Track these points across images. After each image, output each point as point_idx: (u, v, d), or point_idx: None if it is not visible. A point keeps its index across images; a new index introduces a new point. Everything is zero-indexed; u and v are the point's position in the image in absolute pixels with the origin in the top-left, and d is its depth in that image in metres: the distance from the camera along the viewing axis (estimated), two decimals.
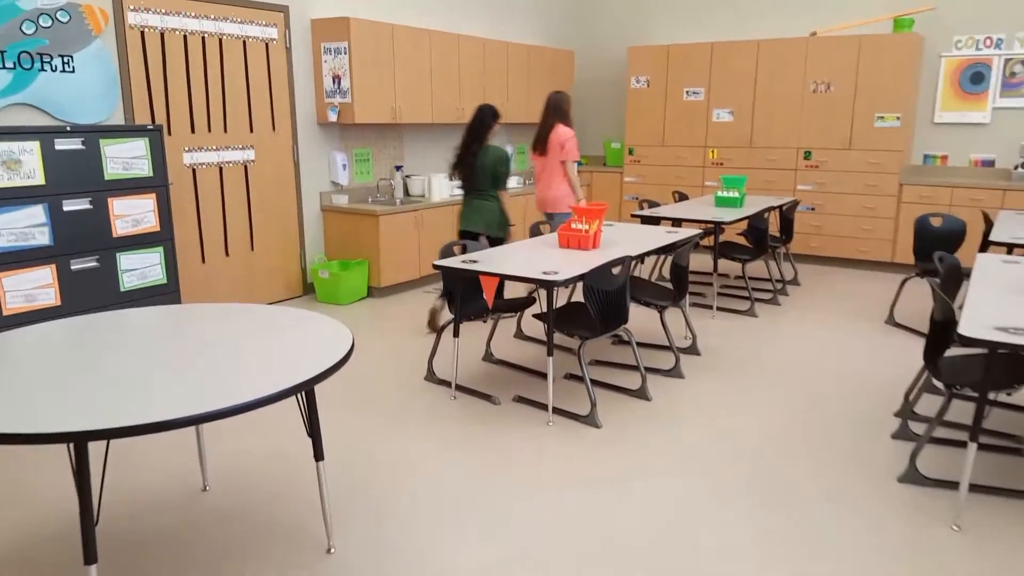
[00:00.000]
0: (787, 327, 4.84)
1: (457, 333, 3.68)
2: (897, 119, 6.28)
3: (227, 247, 5.08)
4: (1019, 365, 2.88)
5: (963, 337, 2.36)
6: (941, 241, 4.74)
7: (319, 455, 2.29)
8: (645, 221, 5.18)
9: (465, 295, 3.61)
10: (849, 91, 6.43)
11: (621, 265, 3.32)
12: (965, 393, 2.85)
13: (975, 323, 2.45)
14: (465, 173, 4.50)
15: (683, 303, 4.07)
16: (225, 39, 4.87)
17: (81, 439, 1.59)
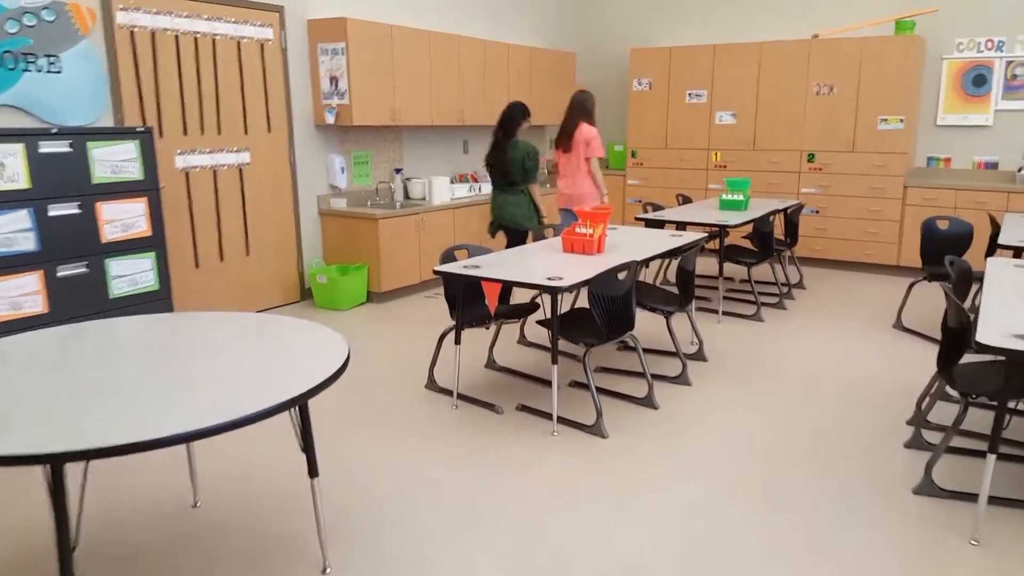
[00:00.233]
0: (794, 332, 4.75)
1: (459, 340, 3.58)
2: (900, 121, 6.20)
3: (222, 252, 4.97)
4: None
5: (981, 345, 2.28)
6: (948, 244, 4.66)
7: (313, 472, 2.19)
8: (649, 224, 5.09)
9: (467, 301, 3.51)
10: (852, 93, 6.36)
11: (627, 270, 3.23)
12: (981, 402, 2.76)
13: (992, 330, 2.36)
14: (496, 167, 4.73)
15: (689, 308, 3.97)
16: (219, 39, 4.77)
17: (56, 462, 1.48)
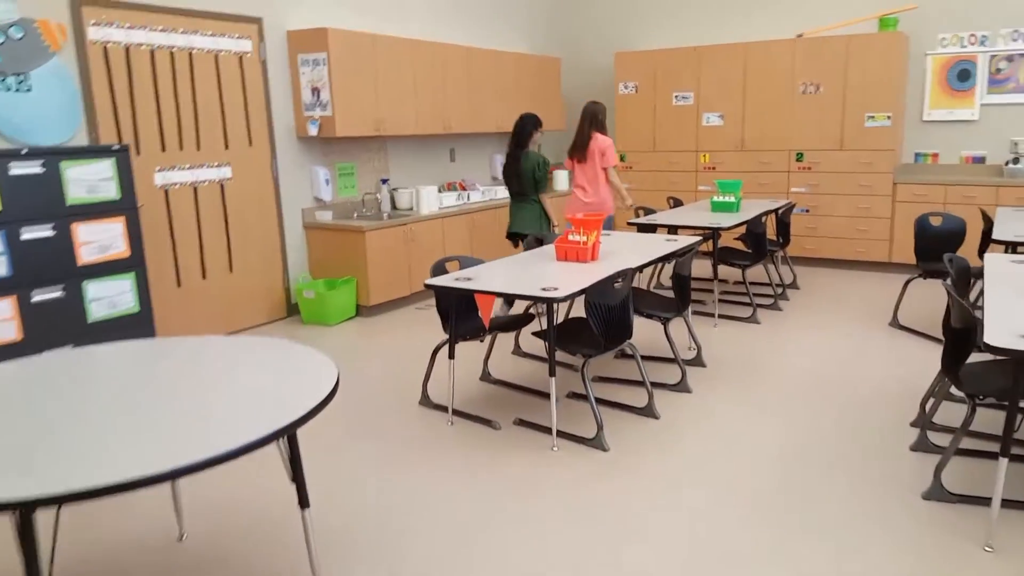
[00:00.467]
0: (791, 334, 4.69)
1: (452, 355, 3.48)
2: (888, 118, 6.18)
3: (204, 270, 4.84)
4: None
5: (990, 347, 2.21)
6: (942, 240, 4.62)
7: (304, 502, 2.07)
8: (641, 229, 5.02)
9: (460, 314, 3.41)
10: (838, 91, 6.34)
11: (623, 278, 3.14)
12: (988, 402, 2.70)
13: (1000, 331, 2.30)
14: (511, 178, 4.87)
15: (686, 313, 3.90)
16: (196, 53, 4.65)
17: (25, 508, 1.37)
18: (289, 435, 1.99)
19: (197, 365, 2.14)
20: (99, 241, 3.78)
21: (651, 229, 4.99)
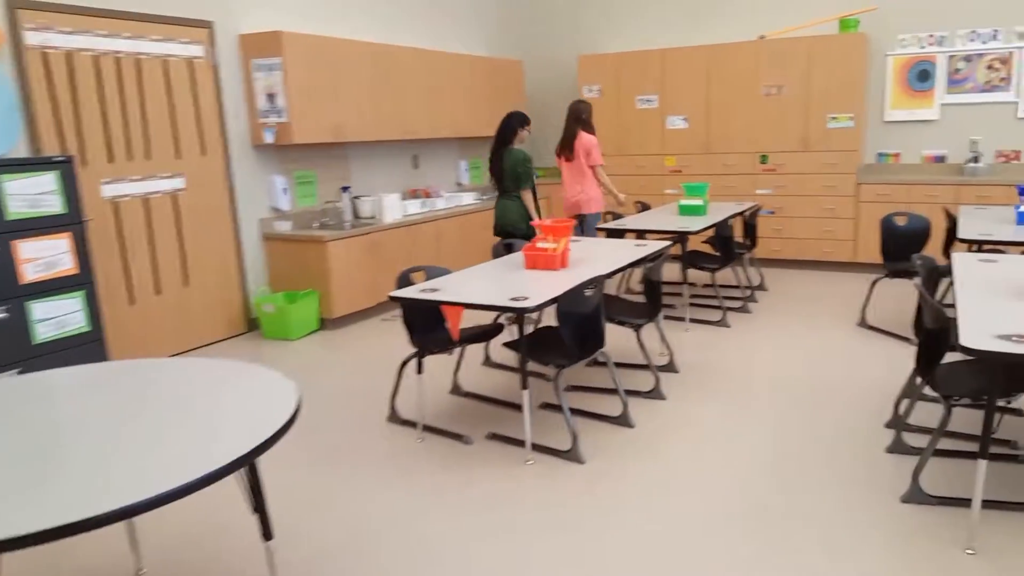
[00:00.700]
0: (761, 336, 4.67)
1: (420, 369, 3.35)
2: (850, 119, 6.25)
3: (158, 285, 4.62)
4: (1019, 370, 2.72)
5: (967, 349, 2.18)
6: (907, 240, 4.66)
7: (267, 534, 1.94)
8: (610, 234, 4.96)
9: (427, 326, 3.29)
10: (801, 93, 6.39)
11: (594, 286, 3.06)
12: (963, 402, 2.69)
13: (976, 332, 2.27)
14: (495, 175, 4.91)
15: (658, 319, 3.84)
16: (143, 59, 4.45)
17: None
18: (249, 464, 1.85)
19: (149, 391, 1.99)
20: (44, 258, 3.56)
21: (619, 234, 4.94)
